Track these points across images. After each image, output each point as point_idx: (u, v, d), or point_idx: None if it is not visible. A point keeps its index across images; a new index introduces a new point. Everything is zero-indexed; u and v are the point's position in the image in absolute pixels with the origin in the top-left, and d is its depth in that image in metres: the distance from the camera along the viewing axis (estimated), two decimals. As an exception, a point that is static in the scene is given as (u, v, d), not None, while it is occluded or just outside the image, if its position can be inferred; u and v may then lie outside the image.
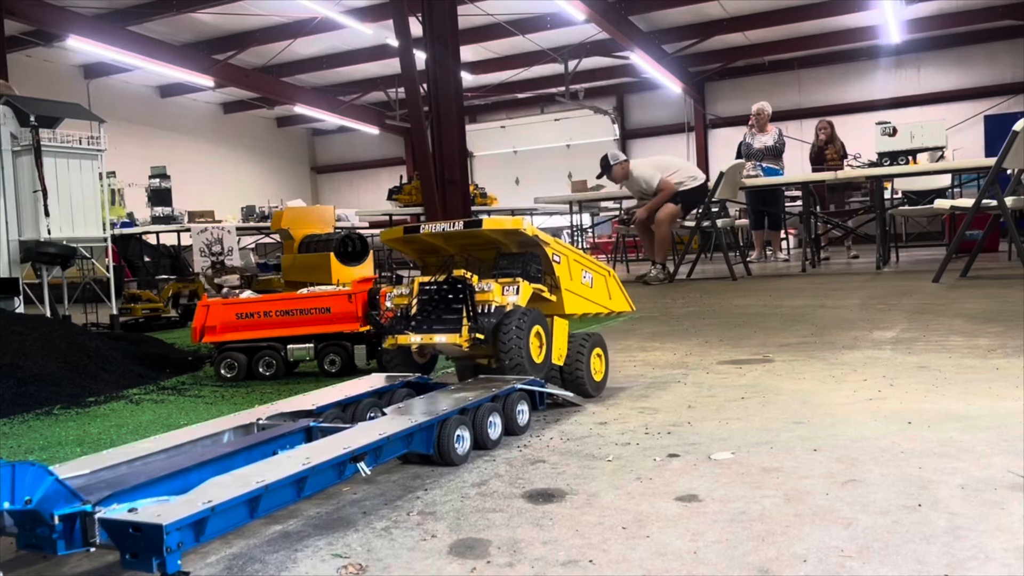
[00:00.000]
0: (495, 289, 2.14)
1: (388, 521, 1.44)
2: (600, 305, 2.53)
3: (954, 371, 2.49)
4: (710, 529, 1.31)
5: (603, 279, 2.54)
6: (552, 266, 2.29)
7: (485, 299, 2.13)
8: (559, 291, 2.31)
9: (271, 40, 13.69)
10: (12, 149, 4.78)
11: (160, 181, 10.08)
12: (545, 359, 2.19)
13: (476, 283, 2.15)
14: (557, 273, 2.30)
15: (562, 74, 15.02)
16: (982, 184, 6.53)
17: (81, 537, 1.17)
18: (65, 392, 2.84)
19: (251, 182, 18.98)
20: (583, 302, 2.43)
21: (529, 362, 2.10)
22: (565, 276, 2.33)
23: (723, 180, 7.01)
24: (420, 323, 2.20)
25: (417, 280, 2.25)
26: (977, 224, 6.45)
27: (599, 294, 2.52)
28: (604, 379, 2.48)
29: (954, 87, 15.40)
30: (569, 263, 2.36)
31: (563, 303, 2.33)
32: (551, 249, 2.27)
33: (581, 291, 2.42)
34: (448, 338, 2.12)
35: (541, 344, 2.18)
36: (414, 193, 9.60)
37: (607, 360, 2.51)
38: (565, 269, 2.33)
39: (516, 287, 2.16)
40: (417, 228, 2.28)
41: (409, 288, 2.26)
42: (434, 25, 8.55)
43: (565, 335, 2.32)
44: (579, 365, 2.35)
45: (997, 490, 1.41)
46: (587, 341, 2.40)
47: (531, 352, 2.11)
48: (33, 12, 11.21)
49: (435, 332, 2.16)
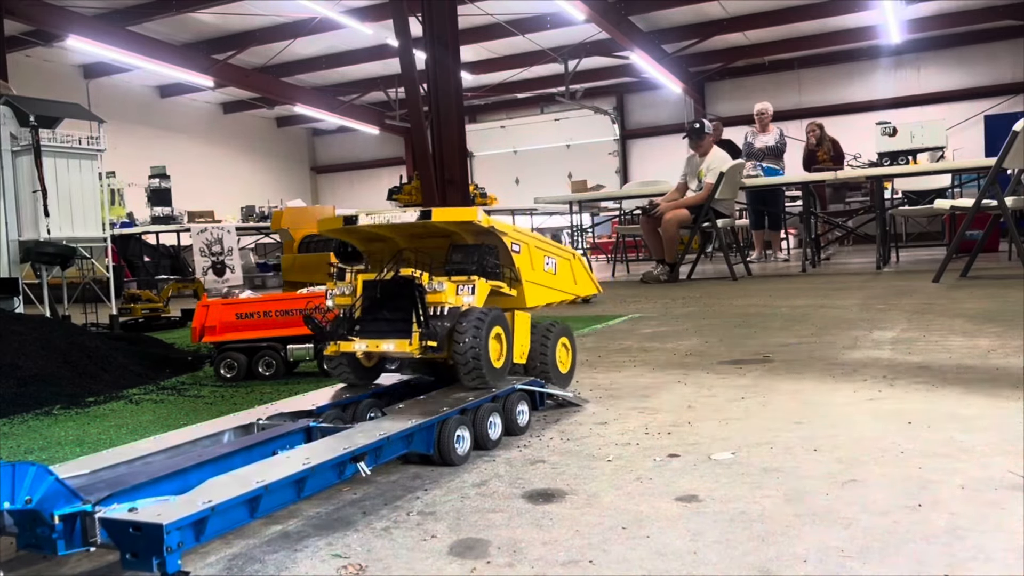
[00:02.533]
0: (448, 289, 1.90)
1: (388, 521, 1.44)
2: (565, 292, 2.35)
3: (954, 371, 2.49)
4: (710, 529, 1.31)
5: (567, 263, 2.35)
6: (511, 257, 2.07)
7: (437, 300, 1.89)
8: (520, 284, 2.10)
9: (271, 40, 13.70)
10: (12, 149, 4.78)
11: (160, 181, 10.09)
12: (505, 363, 2.00)
13: (427, 282, 1.90)
14: (517, 264, 2.08)
15: (562, 74, 15.02)
16: (982, 184, 6.53)
17: (81, 537, 1.17)
18: (65, 392, 2.84)
19: (251, 182, 18.99)
20: (546, 292, 2.24)
21: (488, 369, 1.91)
22: (526, 266, 2.12)
23: (723, 180, 7.00)
24: (365, 327, 1.96)
25: (360, 277, 1.99)
26: (977, 224, 6.45)
27: (564, 280, 2.33)
28: (571, 371, 2.34)
29: (954, 87, 15.41)
30: (530, 251, 2.15)
31: (524, 296, 2.11)
32: (509, 238, 2.06)
33: (544, 280, 2.22)
34: (397, 345, 1.89)
35: (502, 346, 1.99)
36: (414, 193, 9.60)
37: (574, 350, 2.36)
38: (526, 258, 2.12)
39: (471, 286, 1.93)
40: (355, 218, 2.00)
41: (352, 286, 2.00)
42: (434, 25, 8.55)
43: (527, 330, 2.15)
44: (543, 358, 2.18)
45: (997, 490, 1.41)
46: (551, 331, 2.23)
47: (490, 358, 1.92)
48: (33, 12, 11.21)
49: (382, 338, 1.92)
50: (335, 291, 2.02)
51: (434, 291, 1.89)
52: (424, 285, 1.89)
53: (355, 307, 1.97)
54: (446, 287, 1.90)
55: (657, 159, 17.02)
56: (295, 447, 1.67)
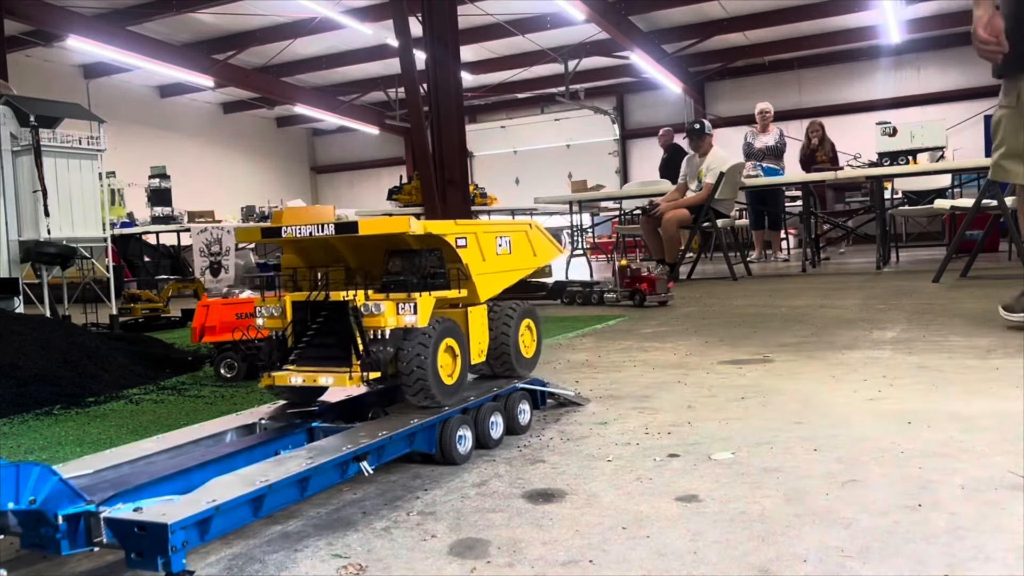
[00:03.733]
0: (387, 310, 1.70)
1: (388, 521, 1.44)
2: (523, 268, 2.21)
3: (954, 371, 2.49)
4: (710, 529, 1.31)
5: (523, 235, 2.19)
6: (458, 254, 1.89)
7: (376, 324, 1.70)
8: (470, 281, 1.93)
9: (271, 40, 13.70)
10: (12, 149, 4.78)
11: (160, 181, 10.10)
12: (460, 376, 1.84)
13: (363, 301, 1.70)
14: (465, 260, 1.91)
15: (562, 74, 15.02)
16: (982, 184, 6.53)
17: (85, 537, 1.17)
18: (65, 392, 2.84)
19: (251, 182, 18.99)
20: (502, 277, 2.09)
21: (438, 389, 1.76)
22: (476, 259, 1.95)
23: (723, 180, 7.01)
24: (301, 354, 1.76)
25: (288, 298, 1.79)
26: (977, 224, 6.45)
27: (521, 257, 2.17)
28: (536, 355, 2.20)
29: (954, 87, 15.40)
30: (478, 241, 1.97)
31: (477, 292, 1.96)
32: (453, 236, 1.88)
33: (498, 265, 2.05)
34: (336, 378, 1.68)
35: (455, 360, 1.83)
36: (414, 193, 9.61)
37: (539, 332, 2.22)
38: (475, 251, 1.95)
39: (413, 304, 1.72)
40: (278, 230, 1.82)
41: (281, 308, 1.79)
42: (434, 25, 8.55)
43: (484, 325, 2.03)
44: (504, 347, 2.05)
45: (997, 490, 1.42)
46: (513, 313, 2.09)
47: (440, 376, 1.76)
48: (33, 12, 11.21)
49: (320, 366, 1.73)
50: (263, 309, 1.81)
51: (371, 314, 1.70)
52: (360, 307, 1.70)
53: (287, 332, 1.77)
54: (384, 308, 1.70)
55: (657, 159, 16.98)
56: (298, 447, 1.67)
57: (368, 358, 1.68)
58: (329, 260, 2.00)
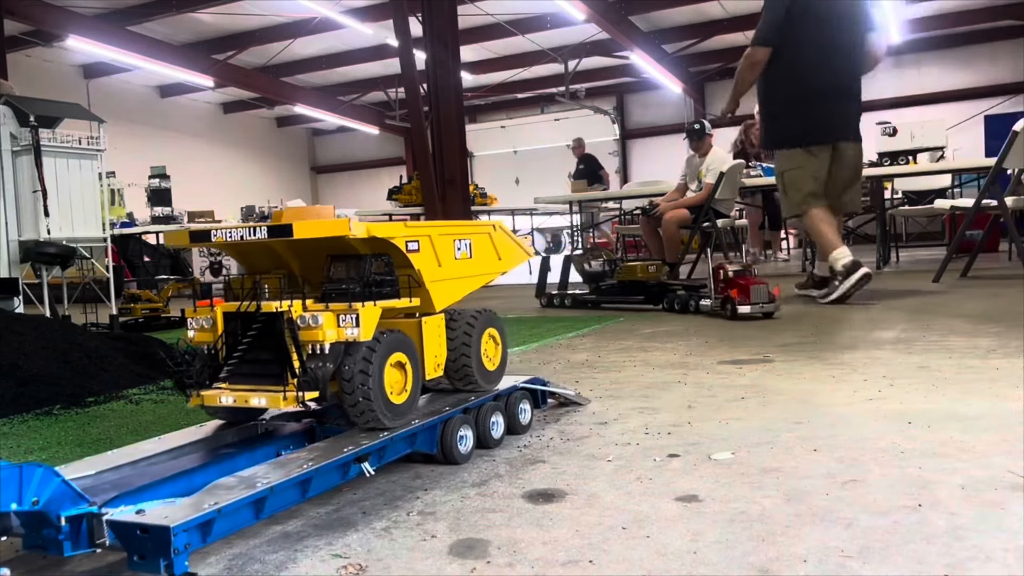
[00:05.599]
0: (326, 322, 1.53)
1: (388, 521, 1.44)
2: (487, 274, 2.04)
3: (954, 371, 2.49)
4: (710, 529, 1.31)
5: (485, 238, 2.03)
6: (409, 259, 1.73)
7: (313, 338, 1.53)
8: (423, 288, 1.77)
9: (271, 40, 13.70)
10: (12, 149, 4.78)
11: (160, 181, 10.09)
12: (412, 394, 1.68)
13: (299, 313, 1.54)
14: (418, 266, 1.74)
15: (562, 74, 15.01)
16: (982, 184, 6.53)
17: (87, 538, 1.17)
18: (65, 392, 2.84)
19: (251, 182, 18.99)
20: (461, 283, 1.93)
21: (384, 409, 1.60)
22: (430, 263, 1.79)
23: (723, 180, 7.01)
24: (234, 371, 1.59)
25: (219, 308, 1.62)
26: (977, 224, 6.45)
27: (483, 261, 2.00)
28: (501, 367, 2.04)
29: (954, 87, 15.40)
30: (433, 244, 1.81)
31: (432, 300, 1.80)
32: (403, 239, 1.71)
33: (456, 271, 1.89)
34: (269, 399, 1.52)
35: (405, 376, 1.67)
36: (414, 193, 9.61)
37: (504, 342, 2.06)
38: (428, 255, 1.79)
39: (355, 316, 1.55)
40: (208, 233, 1.68)
41: (211, 319, 1.63)
42: (434, 25, 8.55)
43: (442, 335, 1.86)
44: (465, 359, 1.89)
45: (997, 490, 1.42)
46: (474, 322, 1.92)
47: (387, 395, 1.61)
48: (33, 12, 11.22)
49: (253, 384, 1.57)
50: (194, 320, 1.65)
51: (308, 326, 1.53)
52: (295, 319, 1.53)
53: (218, 346, 1.60)
54: (323, 320, 1.53)
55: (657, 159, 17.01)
56: (299, 447, 1.67)
57: (305, 376, 1.51)
58: (273, 266, 1.82)
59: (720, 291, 4.26)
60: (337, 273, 1.67)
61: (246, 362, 1.58)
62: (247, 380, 1.58)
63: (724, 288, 4.24)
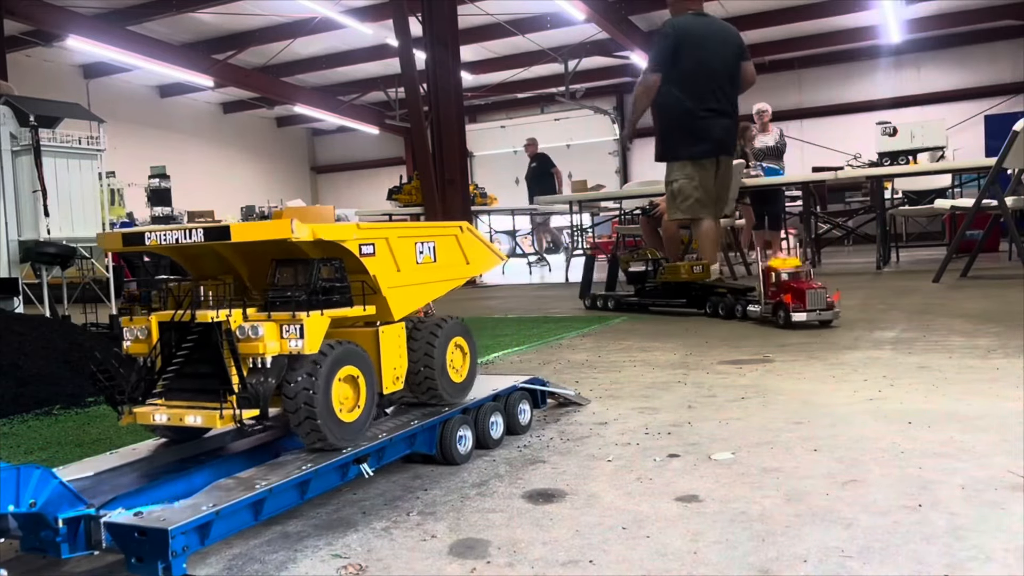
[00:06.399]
0: (267, 333, 1.41)
1: (388, 521, 1.44)
2: (452, 279, 1.89)
3: (954, 371, 2.49)
4: (710, 529, 1.31)
5: (451, 240, 1.89)
6: (363, 264, 1.60)
7: (253, 351, 1.41)
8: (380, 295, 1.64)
9: (271, 40, 13.70)
10: (12, 149, 4.78)
11: (160, 181, 10.10)
12: (365, 412, 1.54)
13: (239, 323, 1.42)
14: (373, 271, 1.61)
15: (562, 74, 15.02)
16: (982, 184, 6.53)
17: (85, 540, 1.17)
18: (65, 392, 2.84)
19: (251, 182, 19.00)
20: (423, 289, 1.78)
21: (335, 428, 1.47)
22: (387, 269, 1.66)
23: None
24: (170, 386, 1.47)
25: (155, 317, 1.49)
26: (977, 224, 6.46)
27: (449, 266, 1.86)
28: (469, 379, 1.89)
29: (954, 87, 15.41)
30: (390, 247, 1.67)
31: (390, 307, 1.66)
32: (355, 241, 1.58)
33: (418, 276, 1.75)
34: (205, 417, 1.40)
35: (357, 391, 1.54)
36: (414, 193, 9.61)
37: (474, 352, 1.91)
38: (386, 259, 1.66)
39: (299, 326, 1.42)
40: (142, 236, 1.53)
41: (146, 328, 1.49)
42: (434, 25, 8.56)
43: (402, 346, 1.71)
44: (428, 370, 1.74)
45: (997, 490, 1.42)
46: (439, 331, 1.78)
47: (335, 412, 1.47)
48: (33, 12, 11.22)
49: (190, 401, 1.45)
50: (127, 332, 1.51)
51: (248, 338, 1.41)
52: (233, 329, 1.41)
53: (154, 358, 1.47)
54: (264, 331, 1.40)
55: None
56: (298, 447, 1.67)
57: (245, 392, 1.39)
58: (222, 272, 1.67)
59: (771, 296, 3.86)
60: (284, 279, 1.54)
61: (184, 376, 1.46)
62: (184, 396, 1.46)
63: (776, 292, 3.82)
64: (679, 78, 5.14)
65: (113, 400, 1.48)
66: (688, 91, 5.15)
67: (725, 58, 5.28)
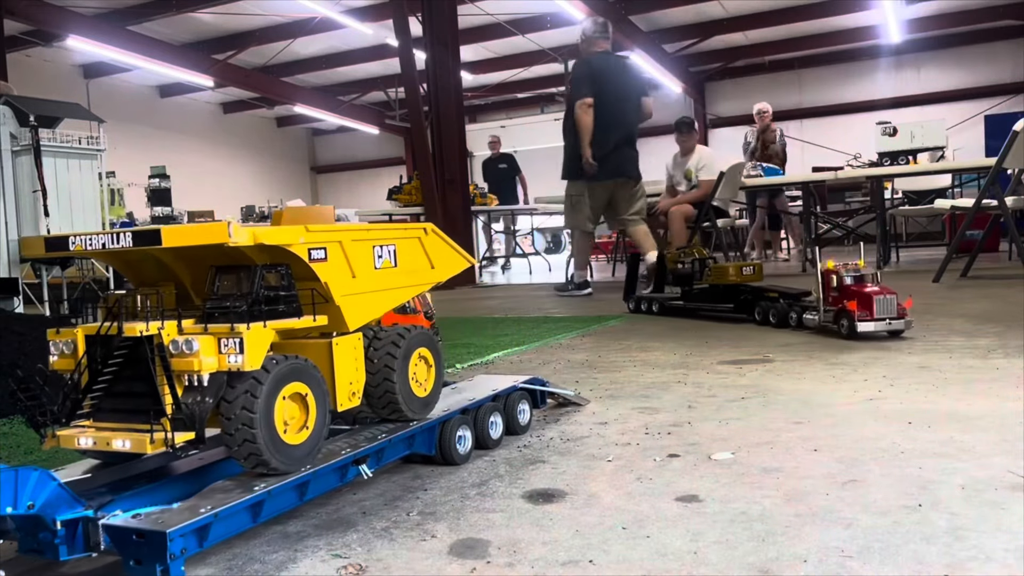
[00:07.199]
0: (203, 347, 1.27)
1: (388, 521, 1.44)
2: (416, 285, 1.77)
3: (954, 371, 2.49)
4: (710, 529, 1.31)
5: (414, 243, 1.76)
6: (312, 270, 1.48)
7: (188, 368, 1.27)
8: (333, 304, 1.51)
9: (271, 40, 13.71)
10: (12, 149, 4.78)
11: (160, 181, 10.10)
12: (315, 433, 1.41)
13: (172, 337, 1.28)
14: (324, 278, 1.49)
15: (562, 74, 15.00)
16: (982, 184, 6.53)
17: (83, 542, 1.17)
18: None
19: (251, 182, 19.00)
20: (382, 297, 1.66)
21: (278, 452, 1.34)
22: (341, 275, 1.54)
23: (723, 180, 7.01)
24: (98, 406, 1.34)
25: (80, 331, 1.36)
26: (977, 224, 6.45)
27: (412, 271, 1.74)
28: (434, 393, 1.75)
29: (954, 87, 15.41)
30: (344, 251, 1.55)
31: (344, 317, 1.53)
32: (303, 246, 1.45)
33: (376, 282, 1.63)
34: (133, 442, 1.27)
35: (305, 411, 1.41)
36: (414, 193, 9.60)
37: (439, 364, 1.77)
38: (339, 265, 1.54)
39: (239, 340, 1.29)
40: (65, 241, 1.40)
41: (72, 343, 1.37)
42: (434, 25, 8.56)
43: (359, 358, 1.58)
44: (388, 384, 1.62)
45: (997, 490, 1.42)
46: (401, 341, 1.64)
47: (280, 436, 1.35)
48: (33, 12, 11.22)
49: (119, 422, 1.32)
50: (53, 346, 1.39)
51: (182, 353, 1.27)
52: (166, 344, 1.27)
53: (79, 376, 1.33)
54: (199, 346, 1.27)
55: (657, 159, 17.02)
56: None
57: (179, 413, 1.27)
58: (163, 279, 1.54)
59: (832, 302, 3.40)
60: (224, 287, 1.40)
61: (114, 395, 1.33)
62: (112, 417, 1.33)
63: (838, 298, 3.36)
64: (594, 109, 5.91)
65: (35, 422, 1.34)
66: (598, 121, 5.98)
67: (628, 93, 6.17)
